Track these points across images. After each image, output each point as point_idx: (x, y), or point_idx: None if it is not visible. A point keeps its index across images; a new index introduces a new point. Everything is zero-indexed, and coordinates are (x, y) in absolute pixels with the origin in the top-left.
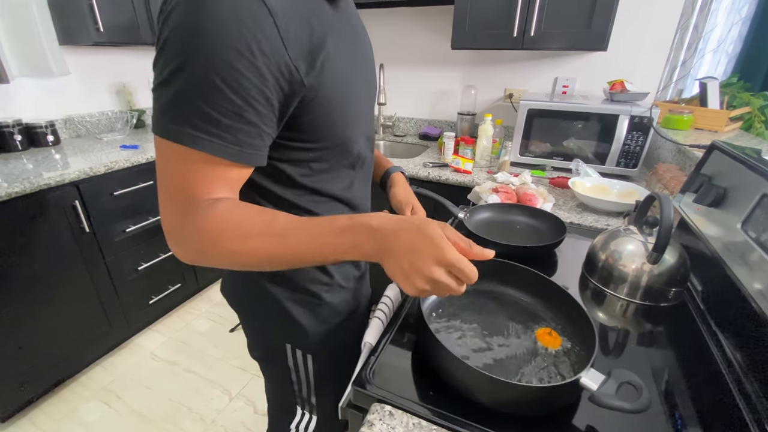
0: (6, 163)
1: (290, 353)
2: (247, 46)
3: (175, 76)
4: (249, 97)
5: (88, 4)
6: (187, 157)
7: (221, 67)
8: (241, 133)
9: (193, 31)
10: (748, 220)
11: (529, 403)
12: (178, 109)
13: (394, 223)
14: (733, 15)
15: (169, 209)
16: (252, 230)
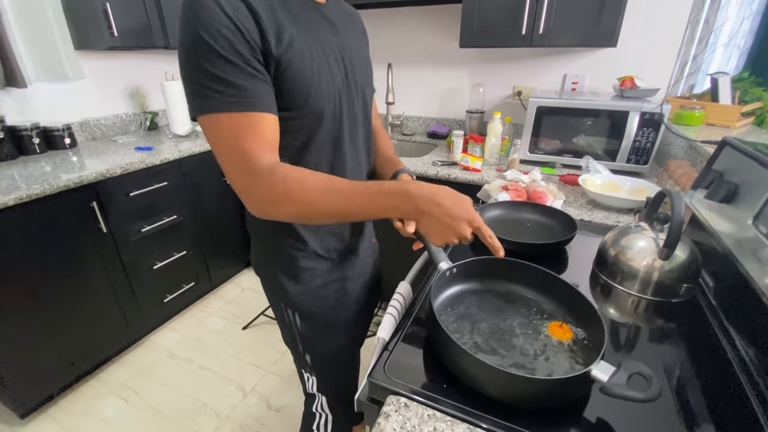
0: (25, 165)
1: (284, 311)
2: (234, 25)
3: (192, 62)
4: (247, 60)
5: (102, 9)
6: (227, 122)
7: (221, 43)
8: (254, 88)
9: (194, 26)
10: (759, 216)
11: (540, 395)
12: (203, 85)
13: (431, 191)
14: (744, 9)
15: (236, 172)
16: (314, 186)
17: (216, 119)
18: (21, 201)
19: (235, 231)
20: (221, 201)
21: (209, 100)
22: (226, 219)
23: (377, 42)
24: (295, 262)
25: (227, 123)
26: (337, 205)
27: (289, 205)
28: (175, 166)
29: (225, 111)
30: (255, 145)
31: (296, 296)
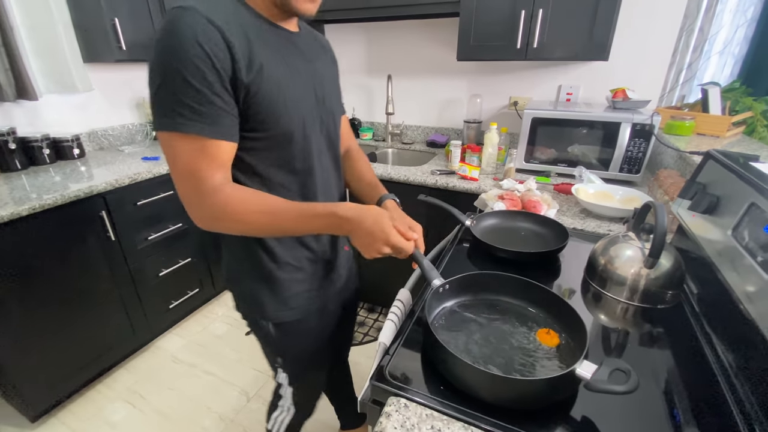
0: (36, 176)
1: (259, 322)
2: (206, 54)
3: (162, 84)
4: (214, 89)
5: (111, 24)
6: (185, 143)
7: (192, 71)
8: (216, 116)
9: (169, 51)
10: (737, 227)
11: (529, 396)
12: (169, 106)
13: (356, 213)
14: (738, 17)
15: (185, 189)
16: (251, 207)
17: (175, 138)
18: (34, 211)
19: None
20: None
21: (172, 120)
22: None
23: (378, 54)
24: (270, 274)
25: (184, 144)
26: (272, 224)
27: (228, 222)
28: None
29: (184, 132)
30: (206, 167)
31: (271, 307)
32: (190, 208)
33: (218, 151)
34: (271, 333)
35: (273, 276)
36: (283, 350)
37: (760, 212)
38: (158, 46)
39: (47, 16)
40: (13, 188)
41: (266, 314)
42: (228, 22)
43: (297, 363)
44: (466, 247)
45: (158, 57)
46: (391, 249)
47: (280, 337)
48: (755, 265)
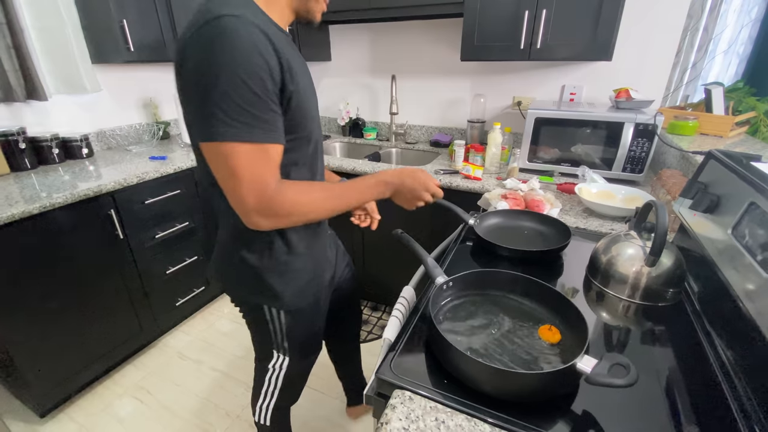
0: (46, 175)
1: (267, 311)
2: (266, 64)
3: (223, 94)
4: (272, 97)
5: (119, 26)
6: (248, 151)
7: (256, 82)
8: (274, 122)
9: (231, 62)
10: (737, 226)
11: (531, 389)
12: (232, 116)
13: (398, 176)
14: (743, 16)
15: (251, 195)
16: (314, 196)
17: (237, 146)
18: (45, 209)
19: None
20: None
21: (235, 129)
22: None
23: (382, 54)
24: (285, 264)
25: (248, 151)
26: (337, 207)
27: (297, 216)
28: (188, 175)
29: (246, 141)
30: (268, 171)
31: (285, 295)
32: (257, 212)
33: (276, 154)
34: (281, 320)
35: (290, 267)
36: (293, 335)
37: (760, 211)
38: (213, 56)
39: (57, 18)
40: (23, 187)
41: (280, 302)
42: (272, 32)
43: (303, 345)
44: (469, 246)
45: (217, 67)
46: (431, 195)
47: (293, 324)
48: (755, 264)
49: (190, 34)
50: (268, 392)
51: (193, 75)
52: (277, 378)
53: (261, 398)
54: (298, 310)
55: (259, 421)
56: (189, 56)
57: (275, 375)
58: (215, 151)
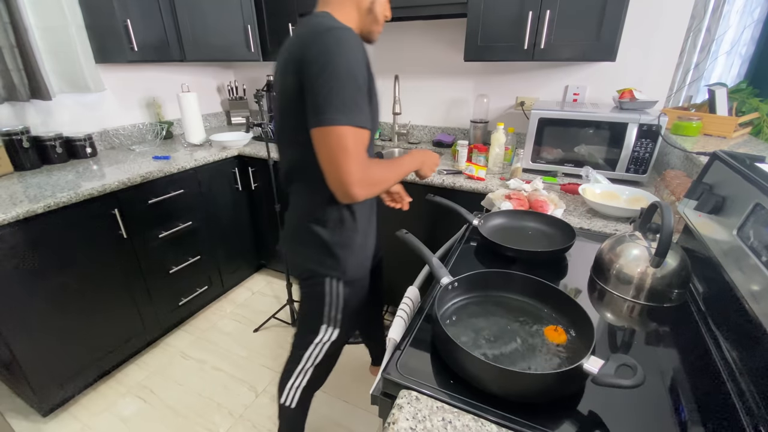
0: (50, 174)
1: (328, 282)
2: (366, 67)
3: (341, 88)
4: (365, 92)
5: (123, 26)
6: (356, 134)
7: (362, 80)
8: (367, 112)
9: (348, 64)
10: (742, 228)
11: (537, 390)
12: (348, 106)
13: (422, 154)
14: (745, 17)
15: (356, 168)
16: (387, 168)
17: (350, 130)
18: (49, 209)
19: (246, 236)
20: (234, 208)
21: (349, 117)
22: (238, 225)
23: (386, 54)
24: (349, 239)
25: (355, 134)
26: (397, 176)
27: (381, 185)
28: (191, 175)
29: (354, 125)
30: (364, 151)
31: (348, 266)
32: (358, 183)
33: (368, 138)
34: (339, 291)
35: (353, 241)
36: (348, 305)
37: (765, 212)
38: (340, 57)
39: (60, 18)
40: (27, 186)
41: (345, 274)
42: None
43: (353, 316)
44: (473, 246)
45: (336, 67)
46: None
47: (350, 294)
48: (760, 265)
49: (308, 42)
50: (303, 371)
51: (314, 73)
52: (318, 354)
53: (293, 378)
54: (354, 282)
55: (285, 402)
56: (310, 60)
57: (315, 351)
58: (330, 132)
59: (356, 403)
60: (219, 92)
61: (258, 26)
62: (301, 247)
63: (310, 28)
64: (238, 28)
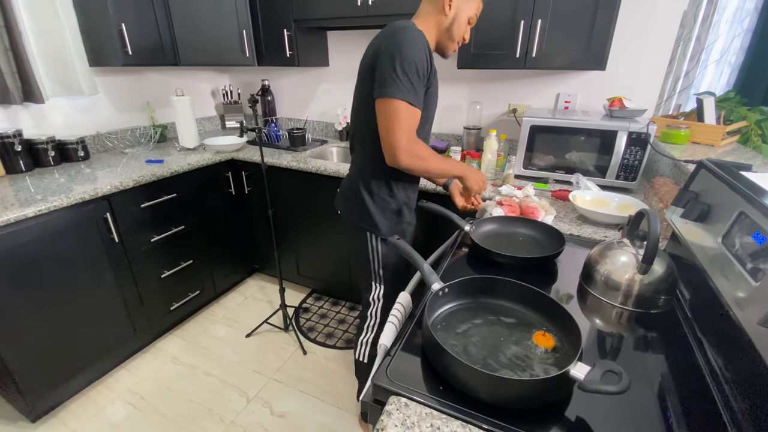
0: (41, 177)
1: (369, 236)
2: (428, 60)
3: (404, 71)
4: (424, 80)
5: (118, 30)
6: (410, 110)
7: (422, 69)
8: (422, 95)
9: (413, 53)
10: (727, 235)
11: (525, 396)
12: (406, 85)
13: (470, 168)
14: (735, 27)
15: (404, 137)
16: (434, 154)
17: (402, 104)
18: (40, 212)
19: (239, 241)
20: (227, 212)
21: (405, 94)
22: (232, 229)
23: None
24: (386, 203)
25: (406, 107)
26: (440, 168)
27: (423, 161)
28: (184, 179)
29: (408, 102)
30: (414, 125)
31: (383, 227)
32: (402, 149)
33: (418, 116)
34: (378, 247)
35: (388, 206)
36: (386, 262)
37: (750, 221)
38: (406, 47)
39: (55, 22)
40: (18, 190)
41: (380, 232)
42: (430, 46)
43: (393, 274)
44: (465, 252)
45: (405, 55)
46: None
47: (386, 252)
48: (744, 273)
49: (387, 34)
50: (370, 326)
51: (385, 56)
52: (376, 311)
53: (363, 333)
54: (389, 243)
55: (359, 357)
56: (384, 47)
57: (375, 308)
58: (389, 104)
59: (349, 409)
60: (213, 96)
61: (253, 31)
62: (350, 203)
63: (392, 27)
64: (233, 33)
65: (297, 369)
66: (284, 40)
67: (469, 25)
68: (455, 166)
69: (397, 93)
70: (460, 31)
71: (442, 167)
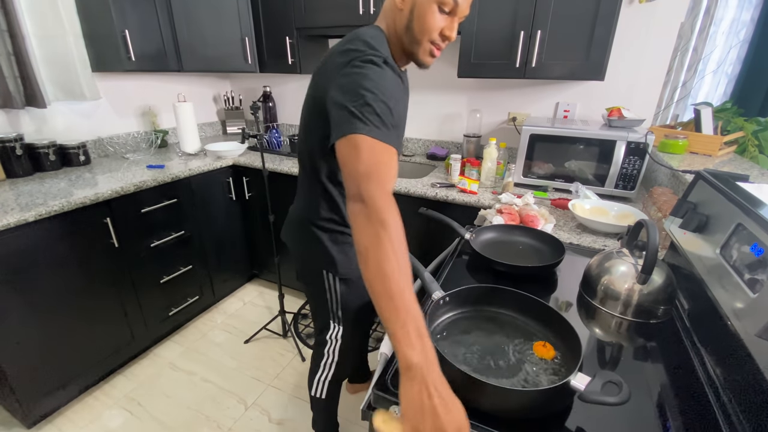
0: (42, 182)
1: (326, 276)
2: (400, 95)
3: (372, 105)
4: (401, 117)
5: (121, 36)
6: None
7: (394, 104)
8: (399, 136)
9: (382, 89)
10: (725, 247)
11: (526, 406)
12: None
13: (445, 388)
14: (731, 38)
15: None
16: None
17: (389, 149)
18: (41, 217)
19: (238, 246)
20: (227, 217)
21: (378, 131)
22: (231, 234)
23: None
24: (344, 241)
25: (393, 154)
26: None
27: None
28: (185, 184)
29: (382, 141)
30: (393, 171)
31: (342, 265)
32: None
33: (396, 160)
34: (338, 288)
35: (346, 240)
36: (346, 303)
37: (747, 233)
38: (370, 83)
39: (58, 27)
40: (19, 194)
41: (336, 270)
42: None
43: (354, 314)
44: (465, 260)
45: (372, 90)
46: None
47: (346, 291)
48: (741, 284)
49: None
50: (327, 364)
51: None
52: (334, 350)
53: (319, 372)
54: (350, 280)
55: (315, 394)
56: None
57: (332, 347)
58: (353, 143)
59: (347, 416)
60: (215, 102)
61: (255, 39)
62: (299, 237)
63: (344, 47)
64: (235, 39)
65: (295, 376)
66: (286, 47)
67: (450, 15)
68: (404, 336)
69: (367, 131)
70: (425, 26)
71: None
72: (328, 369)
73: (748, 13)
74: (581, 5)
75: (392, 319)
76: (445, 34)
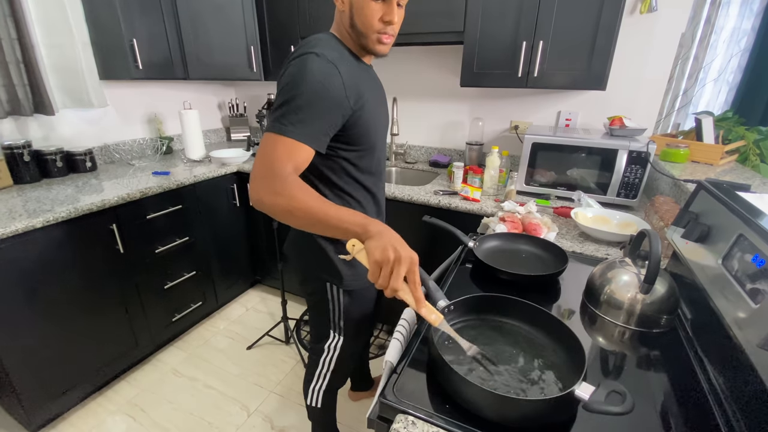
0: (49, 188)
1: (329, 288)
2: (325, 88)
3: (287, 101)
4: (322, 112)
5: (129, 45)
6: (278, 141)
7: (311, 97)
8: (313, 129)
9: (300, 79)
10: (727, 257)
11: (530, 415)
12: (284, 117)
13: (384, 230)
14: (732, 46)
15: (260, 167)
16: (311, 195)
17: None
18: (48, 223)
19: (242, 252)
20: (231, 223)
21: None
22: (235, 241)
23: (384, 77)
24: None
25: (285, 145)
26: (316, 218)
27: (283, 198)
28: (190, 190)
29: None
30: (287, 163)
31: (347, 277)
32: (259, 184)
33: (298, 154)
34: (340, 299)
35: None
36: (349, 314)
37: (749, 243)
38: (293, 72)
39: (67, 36)
40: (26, 200)
41: (341, 282)
42: (348, 69)
43: (356, 326)
44: (469, 268)
45: (290, 81)
46: (396, 259)
47: (349, 303)
48: (743, 294)
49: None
50: (321, 374)
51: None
52: (331, 359)
53: (314, 381)
54: (354, 292)
55: (311, 404)
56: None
57: (329, 356)
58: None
59: (350, 423)
60: (220, 109)
61: (261, 47)
62: (302, 250)
63: (295, 51)
64: (241, 48)
65: (298, 382)
66: None
67: (384, 2)
68: (350, 217)
69: (274, 125)
70: (365, 18)
71: (324, 213)
72: (323, 379)
73: (749, 22)
74: (583, 16)
75: (340, 228)
76: (386, 20)
